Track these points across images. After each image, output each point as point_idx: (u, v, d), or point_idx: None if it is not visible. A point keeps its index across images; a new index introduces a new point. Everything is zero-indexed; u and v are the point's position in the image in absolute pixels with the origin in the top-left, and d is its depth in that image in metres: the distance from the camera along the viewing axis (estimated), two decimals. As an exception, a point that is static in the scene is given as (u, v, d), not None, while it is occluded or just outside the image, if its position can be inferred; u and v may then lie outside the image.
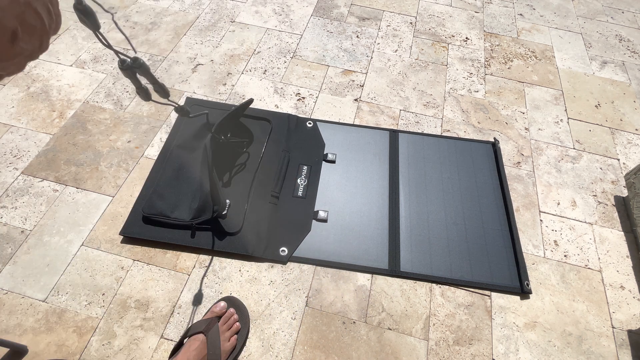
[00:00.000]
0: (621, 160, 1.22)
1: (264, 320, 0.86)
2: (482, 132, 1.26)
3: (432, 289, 0.94)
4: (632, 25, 1.71)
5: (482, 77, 1.43)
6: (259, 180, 1.06)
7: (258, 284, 0.92)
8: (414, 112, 1.30)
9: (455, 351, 0.85)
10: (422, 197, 1.08)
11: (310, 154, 1.14)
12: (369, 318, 0.88)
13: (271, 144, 1.15)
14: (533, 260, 1.00)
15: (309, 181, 1.08)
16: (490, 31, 1.62)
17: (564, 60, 1.52)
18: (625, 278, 0.98)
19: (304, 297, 0.90)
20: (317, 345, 0.84)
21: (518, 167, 1.18)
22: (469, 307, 0.92)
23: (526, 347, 0.87)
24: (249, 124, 1.18)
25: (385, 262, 0.96)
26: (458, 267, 0.96)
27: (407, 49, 1.51)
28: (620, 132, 1.30)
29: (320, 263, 0.95)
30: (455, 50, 1.52)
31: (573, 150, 1.24)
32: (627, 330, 0.90)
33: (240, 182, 1.06)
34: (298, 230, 0.99)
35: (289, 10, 1.62)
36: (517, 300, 0.93)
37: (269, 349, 0.83)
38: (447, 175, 1.13)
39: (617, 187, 1.16)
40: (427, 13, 1.67)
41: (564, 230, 1.06)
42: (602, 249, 1.03)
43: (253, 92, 1.31)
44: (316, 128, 1.20)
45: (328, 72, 1.40)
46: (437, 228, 1.03)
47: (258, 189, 1.05)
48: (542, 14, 1.72)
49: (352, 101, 1.31)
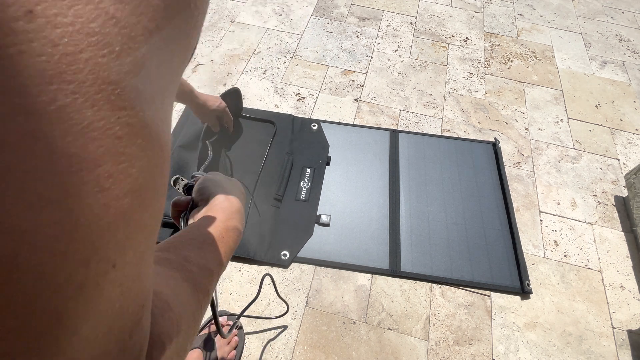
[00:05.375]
0: (621, 160, 1.22)
1: (264, 320, 0.86)
2: (482, 132, 1.26)
3: (432, 289, 0.94)
4: (632, 25, 1.71)
5: (482, 77, 1.43)
6: (262, 182, 1.06)
7: (258, 284, 0.91)
8: (414, 112, 1.30)
9: (455, 351, 0.85)
10: (423, 197, 1.08)
11: (314, 157, 1.14)
12: (369, 318, 0.88)
13: (275, 147, 1.15)
14: (533, 260, 1.00)
15: (312, 184, 1.08)
16: (490, 31, 1.62)
17: (564, 60, 1.52)
18: (625, 278, 0.98)
19: (304, 297, 0.90)
20: (317, 345, 0.84)
21: (518, 167, 1.18)
22: (469, 307, 0.92)
23: (526, 347, 0.87)
24: (252, 126, 1.19)
25: (386, 262, 0.96)
26: (458, 267, 0.96)
27: (407, 49, 1.51)
28: (620, 132, 1.30)
29: (320, 263, 0.95)
30: (455, 50, 1.52)
31: (573, 150, 1.24)
32: (627, 330, 0.90)
33: (243, 184, 1.06)
34: (300, 233, 0.99)
35: (289, 10, 1.62)
36: (517, 300, 0.93)
37: (269, 349, 0.83)
38: (447, 175, 1.13)
39: (617, 187, 1.16)
40: (427, 13, 1.67)
41: (564, 230, 1.06)
42: (602, 249, 1.03)
43: (253, 92, 1.31)
44: (321, 130, 1.20)
45: (328, 72, 1.40)
46: (438, 228, 1.03)
47: (261, 191, 1.05)
48: (542, 14, 1.72)
49: (352, 101, 1.32)
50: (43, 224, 0.10)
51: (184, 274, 0.26)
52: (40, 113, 0.10)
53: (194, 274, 0.27)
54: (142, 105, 0.13)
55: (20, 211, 0.10)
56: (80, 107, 0.11)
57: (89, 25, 0.11)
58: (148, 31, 0.12)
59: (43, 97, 0.10)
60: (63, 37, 0.10)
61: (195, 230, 0.32)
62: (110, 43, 0.11)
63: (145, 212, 0.14)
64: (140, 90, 0.13)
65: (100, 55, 0.11)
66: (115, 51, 0.11)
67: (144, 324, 0.17)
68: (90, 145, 0.11)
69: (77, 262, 0.12)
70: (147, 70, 0.13)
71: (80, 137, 0.11)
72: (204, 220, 0.33)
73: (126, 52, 0.12)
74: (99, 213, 0.12)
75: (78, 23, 0.10)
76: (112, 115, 0.11)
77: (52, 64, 0.10)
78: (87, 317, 0.13)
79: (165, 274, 0.25)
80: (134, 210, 0.13)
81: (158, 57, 0.13)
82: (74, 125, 0.11)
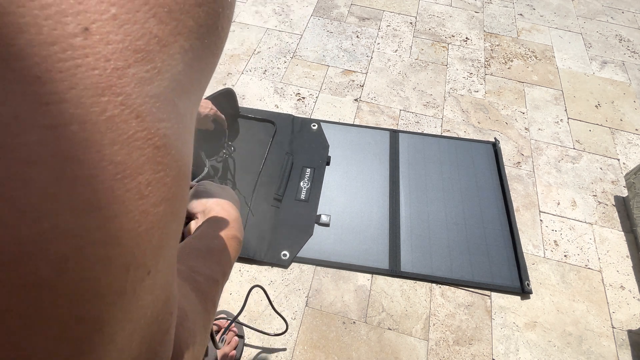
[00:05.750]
0: (621, 160, 1.22)
1: (264, 320, 0.86)
2: (482, 132, 1.26)
3: (432, 289, 0.94)
4: (632, 25, 1.71)
5: (482, 77, 1.43)
6: (262, 182, 1.06)
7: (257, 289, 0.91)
8: (414, 112, 1.30)
9: (455, 351, 0.85)
10: (423, 197, 1.08)
11: (314, 156, 1.14)
12: (369, 318, 0.88)
13: (275, 146, 1.14)
14: (533, 260, 1.00)
15: (312, 184, 1.08)
16: (490, 31, 1.62)
17: (564, 60, 1.52)
18: (625, 278, 0.98)
19: (304, 297, 0.90)
20: (317, 345, 0.84)
21: (518, 167, 1.18)
22: (469, 307, 0.92)
23: (526, 347, 0.87)
24: (252, 126, 1.18)
25: (386, 262, 0.96)
26: (458, 267, 0.96)
27: (407, 49, 1.51)
28: (620, 132, 1.30)
29: (320, 263, 0.95)
30: (455, 50, 1.52)
31: (573, 150, 1.24)
32: (627, 330, 0.90)
33: (243, 184, 1.06)
34: (300, 234, 0.99)
35: (289, 10, 1.62)
36: (517, 300, 0.93)
37: (269, 348, 0.83)
38: (447, 175, 1.13)
39: (617, 187, 1.16)
40: (427, 13, 1.67)
41: (564, 230, 1.06)
42: (602, 249, 1.03)
43: (253, 92, 1.31)
44: (321, 130, 1.20)
45: (328, 72, 1.40)
46: (438, 228, 1.03)
47: (261, 191, 1.05)
48: (542, 14, 1.72)
49: (352, 101, 1.32)
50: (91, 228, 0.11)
51: (192, 284, 0.26)
52: (92, 122, 0.10)
53: (201, 284, 0.27)
54: (177, 118, 0.14)
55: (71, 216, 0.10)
56: (127, 118, 0.11)
57: (136, 43, 0.11)
58: (184, 50, 0.13)
59: (95, 108, 0.10)
60: (114, 52, 0.11)
61: (198, 241, 0.32)
62: (153, 59, 0.12)
63: (175, 221, 0.15)
64: (176, 104, 0.13)
65: (144, 70, 0.12)
66: (157, 67, 0.12)
67: (172, 332, 0.17)
68: (134, 153, 0.12)
69: (118, 268, 0.12)
70: (182, 86, 0.14)
71: (126, 146, 0.11)
72: (204, 231, 0.34)
73: (166, 69, 0.13)
74: (139, 220, 0.12)
75: (127, 41, 0.11)
76: (153, 127, 0.12)
77: (104, 77, 0.11)
78: (124, 324, 0.13)
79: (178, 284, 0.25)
80: (167, 218, 0.14)
81: (191, 74, 0.14)
82: (121, 134, 0.11)
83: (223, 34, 0.16)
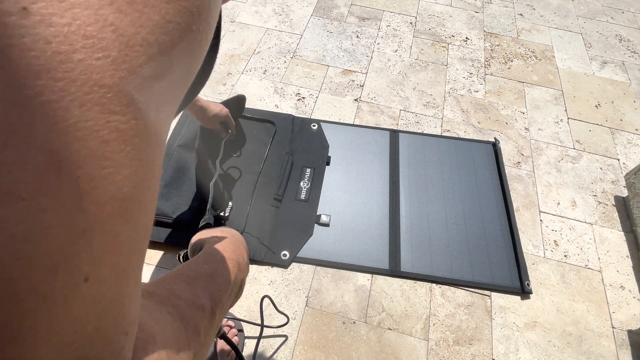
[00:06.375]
0: (621, 160, 1.22)
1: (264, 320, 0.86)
2: (482, 132, 1.26)
3: (432, 289, 0.94)
4: (632, 25, 1.71)
5: (482, 77, 1.43)
6: (262, 182, 1.06)
7: (258, 284, 0.91)
8: (414, 112, 1.30)
9: (455, 351, 0.85)
10: (423, 197, 1.08)
11: (314, 156, 1.14)
12: (369, 318, 0.88)
13: (275, 147, 1.14)
14: (533, 260, 1.00)
15: (312, 184, 1.08)
16: (490, 31, 1.62)
17: (564, 60, 1.52)
18: (625, 278, 0.98)
19: (304, 297, 0.90)
20: (317, 345, 0.84)
21: (518, 167, 1.18)
22: (469, 307, 0.92)
23: (526, 347, 0.87)
24: (252, 126, 1.18)
25: (386, 262, 0.96)
26: (458, 267, 0.96)
27: (407, 49, 1.51)
28: (620, 132, 1.30)
29: (320, 263, 0.95)
30: (455, 50, 1.52)
31: (573, 150, 1.24)
32: (627, 330, 0.90)
33: (243, 184, 1.06)
34: (300, 234, 0.99)
35: (289, 10, 1.62)
36: (517, 300, 0.93)
37: (268, 348, 0.83)
38: (447, 175, 1.13)
39: (617, 187, 1.16)
40: (427, 13, 1.67)
41: (564, 230, 1.06)
42: (602, 249, 1.03)
43: (253, 92, 1.31)
44: (321, 130, 1.20)
45: (328, 72, 1.40)
46: (438, 228, 1.03)
47: (261, 191, 1.04)
48: (542, 14, 1.72)
49: (352, 101, 1.31)
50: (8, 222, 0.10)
51: (169, 307, 0.24)
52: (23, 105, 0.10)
53: (181, 308, 0.25)
54: (135, 114, 0.12)
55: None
56: (68, 106, 0.10)
57: (86, 28, 0.11)
58: (148, 43, 0.13)
59: (28, 91, 0.10)
60: (56, 36, 0.10)
61: (185, 267, 0.31)
62: (107, 48, 0.11)
63: (127, 225, 0.13)
64: (135, 99, 0.12)
65: (94, 57, 0.11)
66: (111, 56, 0.11)
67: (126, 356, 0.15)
68: (74, 144, 0.11)
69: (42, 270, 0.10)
70: (145, 81, 0.13)
71: (63, 135, 0.10)
72: (195, 258, 0.33)
73: (122, 59, 0.12)
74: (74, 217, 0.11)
75: (74, 25, 0.10)
76: (100, 118, 0.11)
77: (42, 60, 0.10)
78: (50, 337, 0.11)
79: (149, 306, 0.22)
80: (114, 220, 0.12)
81: (156, 68, 0.13)
82: (58, 122, 0.10)
83: (200, 36, 0.15)
